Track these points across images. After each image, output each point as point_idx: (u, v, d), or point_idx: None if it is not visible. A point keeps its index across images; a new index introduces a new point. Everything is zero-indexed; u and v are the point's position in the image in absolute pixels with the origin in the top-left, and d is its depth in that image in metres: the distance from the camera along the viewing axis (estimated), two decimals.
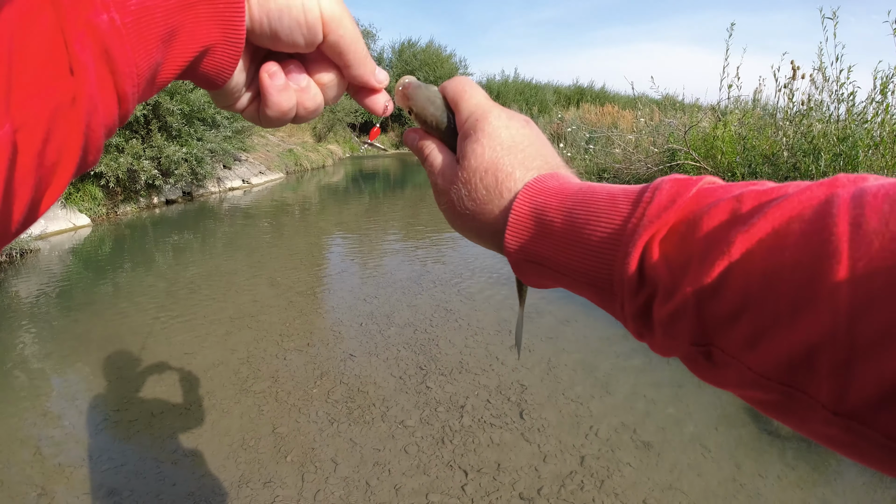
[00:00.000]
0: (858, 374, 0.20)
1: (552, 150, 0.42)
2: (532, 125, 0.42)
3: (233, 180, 11.58)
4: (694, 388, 2.77)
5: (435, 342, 3.33)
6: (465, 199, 0.40)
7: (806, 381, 0.22)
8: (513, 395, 2.68)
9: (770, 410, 0.25)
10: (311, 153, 17.54)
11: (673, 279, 0.26)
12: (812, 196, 0.23)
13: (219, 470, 2.13)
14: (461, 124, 0.41)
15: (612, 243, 0.30)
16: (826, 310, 0.20)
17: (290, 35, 0.33)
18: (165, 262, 5.56)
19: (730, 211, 0.26)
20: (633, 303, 0.29)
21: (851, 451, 0.22)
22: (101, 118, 0.26)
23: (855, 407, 0.20)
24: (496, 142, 0.39)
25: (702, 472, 2.12)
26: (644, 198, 0.29)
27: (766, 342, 0.23)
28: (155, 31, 0.27)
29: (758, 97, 5.41)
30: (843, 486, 2.07)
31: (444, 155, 0.43)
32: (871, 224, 0.20)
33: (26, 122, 0.23)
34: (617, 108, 12.38)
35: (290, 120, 0.39)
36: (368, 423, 2.45)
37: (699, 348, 0.26)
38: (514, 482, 2.06)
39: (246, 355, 3.14)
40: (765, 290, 0.23)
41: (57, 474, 2.12)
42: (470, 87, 0.42)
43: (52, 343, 3.43)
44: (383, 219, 8.15)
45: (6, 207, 0.24)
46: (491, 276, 4.70)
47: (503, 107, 0.42)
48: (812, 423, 0.22)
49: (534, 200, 0.35)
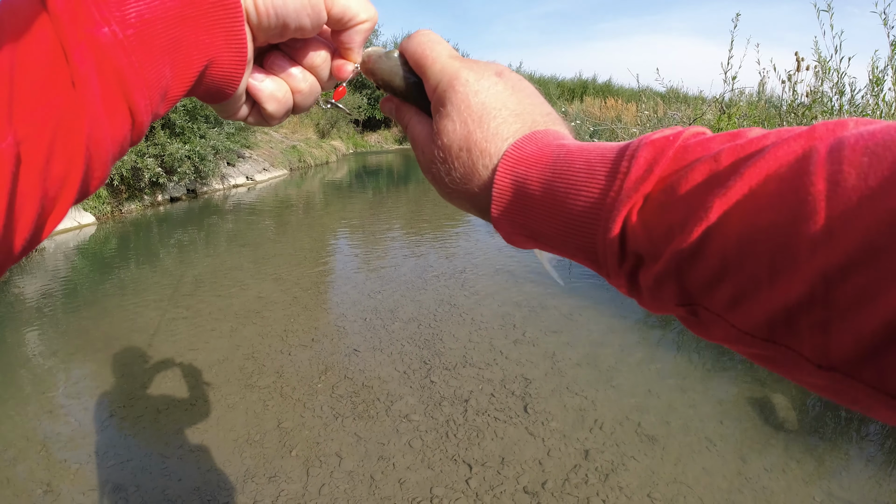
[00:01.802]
0: (837, 332, 0.20)
1: (530, 99, 0.39)
2: (506, 75, 0.39)
3: (237, 177, 11.60)
4: (698, 381, 2.76)
5: (439, 337, 3.33)
6: (445, 177, 0.38)
7: (788, 338, 0.22)
8: (517, 389, 2.68)
9: (761, 362, 0.25)
10: (314, 149, 17.54)
11: (654, 247, 0.26)
12: (789, 151, 0.22)
13: (224, 465, 2.14)
14: (430, 94, 0.39)
15: (592, 217, 0.29)
16: (804, 272, 0.20)
17: (297, 19, 0.33)
18: (170, 259, 5.58)
19: (707, 172, 0.25)
20: (618, 272, 0.29)
21: (840, 399, 0.22)
22: (106, 132, 0.26)
23: (837, 361, 0.20)
24: (465, 114, 0.36)
25: (707, 465, 2.11)
26: (621, 167, 0.29)
27: (746, 303, 0.23)
28: (158, 43, 0.27)
29: (762, 89, 5.37)
30: (848, 479, 2.06)
31: (422, 126, 0.41)
32: (850, 180, 0.20)
33: (29, 135, 0.23)
34: (621, 102, 12.30)
35: (290, 108, 0.39)
36: (373, 417, 2.45)
37: (686, 307, 0.27)
38: (518, 476, 2.06)
39: (251, 351, 3.15)
40: (743, 253, 0.23)
41: (63, 471, 2.14)
42: (430, 49, 0.39)
43: (58, 340, 3.45)
44: (387, 214, 8.15)
45: (11, 224, 0.24)
46: (495, 271, 4.70)
47: (471, 63, 0.38)
48: (800, 375, 0.23)
49: (513, 173, 0.34)
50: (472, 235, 6.13)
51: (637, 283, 0.29)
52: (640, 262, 0.28)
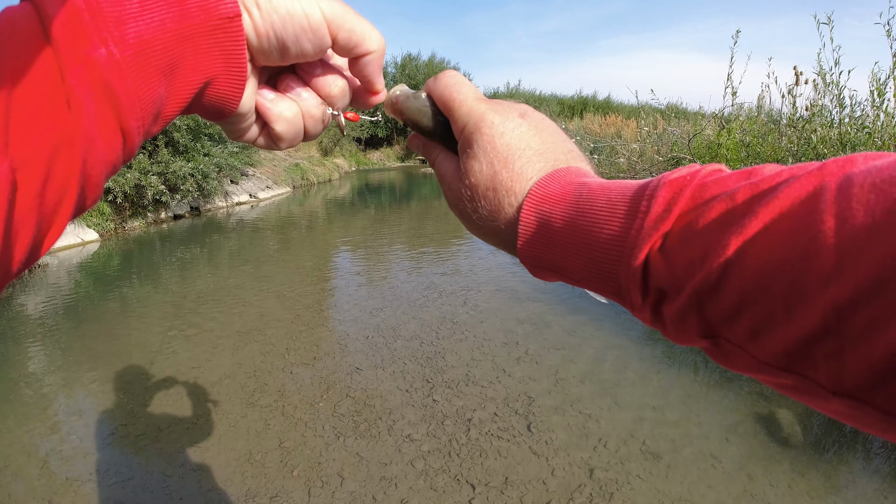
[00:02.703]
0: (849, 361, 0.21)
1: (552, 138, 0.40)
2: (530, 116, 0.40)
3: (240, 195, 11.66)
4: (703, 398, 2.74)
5: (441, 355, 3.32)
6: (473, 214, 0.40)
7: (805, 367, 0.23)
8: (520, 408, 2.66)
9: (783, 391, 0.26)
10: (317, 167, 17.64)
11: (676, 282, 0.28)
12: (801, 189, 0.24)
13: (225, 484, 2.13)
14: (458, 134, 0.41)
15: (615, 254, 0.31)
16: (817, 305, 0.21)
17: (297, 43, 0.33)
18: (173, 276, 5.59)
19: (724, 210, 0.26)
20: (642, 306, 0.31)
21: (856, 423, 0.23)
22: (100, 154, 0.26)
23: (851, 388, 0.21)
24: (492, 155, 0.38)
25: (712, 483, 2.09)
26: (641, 207, 0.30)
27: (765, 335, 0.24)
28: (155, 65, 0.27)
29: (761, 103, 5.40)
30: (854, 494, 2.04)
31: (449, 163, 0.42)
32: (858, 217, 0.21)
33: (26, 161, 0.23)
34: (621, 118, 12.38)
35: (301, 132, 0.39)
36: (375, 436, 2.44)
37: (708, 339, 0.28)
38: (522, 496, 2.04)
39: (253, 369, 3.14)
40: (760, 288, 0.24)
41: (64, 488, 2.12)
42: (457, 92, 0.40)
43: (60, 357, 3.44)
44: (389, 231, 8.17)
45: (7, 247, 0.24)
46: (497, 288, 4.70)
47: (496, 105, 0.40)
48: (818, 402, 0.24)
49: (538, 210, 0.36)
50: (474, 253, 6.14)
51: (661, 316, 0.30)
52: (664, 296, 0.29)
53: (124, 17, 0.26)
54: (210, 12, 0.29)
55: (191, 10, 0.28)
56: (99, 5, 0.25)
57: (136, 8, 0.26)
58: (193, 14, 0.28)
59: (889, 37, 3.46)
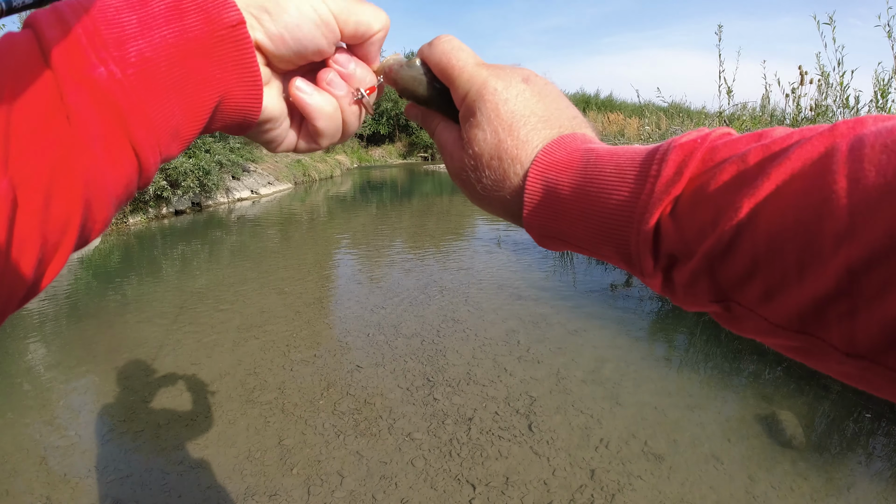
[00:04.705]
0: (863, 322, 0.21)
1: (556, 104, 0.39)
2: (533, 81, 0.39)
3: (241, 191, 11.66)
4: (705, 398, 2.73)
5: (442, 353, 3.30)
6: (476, 183, 0.39)
7: (818, 328, 0.23)
8: (521, 407, 2.65)
9: (793, 354, 0.26)
10: (319, 164, 17.64)
11: (687, 246, 0.27)
12: (812, 150, 0.23)
13: (225, 482, 2.12)
14: (458, 103, 0.39)
15: (625, 220, 0.30)
16: (830, 266, 0.21)
17: (313, 39, 0.33)
18: (173, 272, 5.58)
19: (735, 172, 0.26)
20: (653, 272, 0.30)
21: (867, 386, 0.23)
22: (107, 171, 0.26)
23: (864, 349, 0.21)
24: (496, 123, 0.37)
25: (714, 484, 2.08)
26: (651, 171, 0.29)
27: (778, 298, 0.24)
28: (162, 81, 0.27)
29: (765, 103, 5.39)
30: (856, 495, 2.02)
31: (450, 132, 0.41)
32: (870, 177, 0.20)
33: (25, 178, 0.23)
34: (623, 117, 12.36)
35: (341, 125, 0.39)
36: (375, 435, 2.43)
37: (719, 304, 0.28)
38: (522, 496, 2.03)
39: (253, 366, 3.13)
40: (772, 250, 0.24)
41: (62, 484, 2.11)
42: (456, 59, 0.39)
43: (60, 353, 3.44)
44: (391, 228, 8.17)
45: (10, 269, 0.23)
46: (498, 286, 4.68)
47: (498, 70, 0.39)
48: (830, 364, 0.24)
49: (544, 178, 0.35)
50: (476, 250, 6.13)
51: (672, 282, 0.30)
52: (675, 261, 0.29)
53: (124, 37, 0.26)
54: (212, 23, 0.29)
55: (192, 23, 0.28)
56: (97, 28, 0.25)
57: (135, 28, 0.26)
58: (195, 27, 0.28)
59: (890, 38, 3.44)
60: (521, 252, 5.94)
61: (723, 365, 3.13)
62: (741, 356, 3.23)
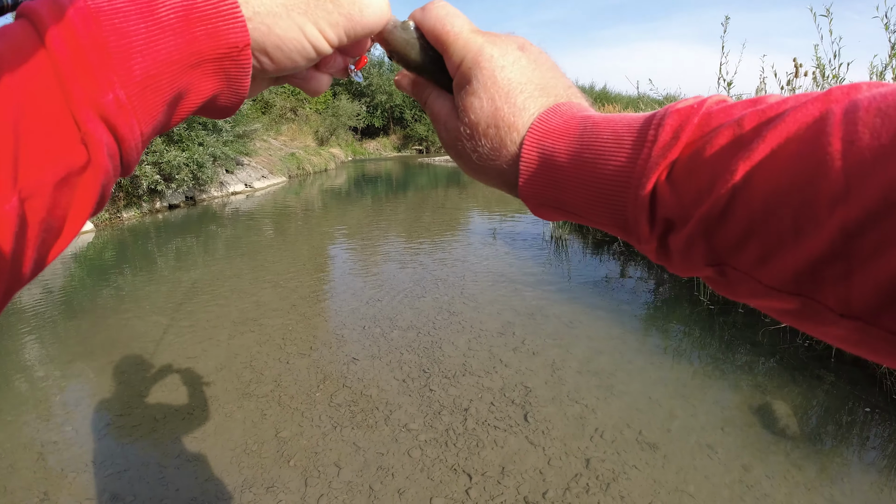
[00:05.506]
0: (857, 283, 0.21)
1: (552, 73, 0.39)
2: (528, 49, 0.39)
3: (235, 185, 11.61)
4: (699, 388, 2.75)
5: (438, 345, 3.31)
6: (472, 153, 0.39)
7: (813, 290, 0.23)
8: (517, 398, 2.67)
9: (786, 317, 0.26)
10: (313, 157, 17.57)
11: (684, 210, 0.28)
12: (807, 113, 0.24)
13: (222, 474, 2.13)
14: (453, 71, 0.39)
15: (621, 185, 0.30)
16: (825, 227, 0.22)
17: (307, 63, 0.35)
18: (168, 266, 5.56)
19: (731, 137, 0.26)
20: (649, 237, 0.30)
21: (862, 349, 0.23)
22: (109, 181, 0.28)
23: (859, 310, 0.22)
24: (493, 90, 0.36)
25: (708, 473, 2.10)
26: (648, 136, 0.30)
27: (773, 261, 0.24)
28: (161, 97, 0.27)
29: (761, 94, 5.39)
30: (850, 485, 2.05)
31: (443, 101, 0.41)
32: (864, 140, 0.21)
33: (33, 193, 0.23)
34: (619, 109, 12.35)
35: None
36: (372, 426, 2.43)
37: (714, 268, 0.28)
38: (518, 486, 2.04)
39: (249, 359, 3.13)
40: (768, 212, 0.24)
41: (59, 479, 2.11)
42: (451, 24, 0.38)
43: (55, 348, 3.43)
44: (386, 222, 8.15)
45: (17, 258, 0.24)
46: (494, 278, 4.69)
47: (493, 37, 0.38)
48: (824, 326, 0.24)
49: (540, 146, 0.35)
50: (471, 243, 6.13)
51: (667, 248, 0.30)
52: (671, 226, 0.29)
53: (131, 51, 0.25)
54: (218, 39, 0.28)
55: (198, 37, 0.28)
56: (105, 40, 0.25)
57: (142, 41, 0.26)
58: (201, 41, 0.28)
59: (887, 30, 3.45)
60: (517, 244, 5.95)
61: (717, 355, 3.15)
62: (735, 346, 3.25)
